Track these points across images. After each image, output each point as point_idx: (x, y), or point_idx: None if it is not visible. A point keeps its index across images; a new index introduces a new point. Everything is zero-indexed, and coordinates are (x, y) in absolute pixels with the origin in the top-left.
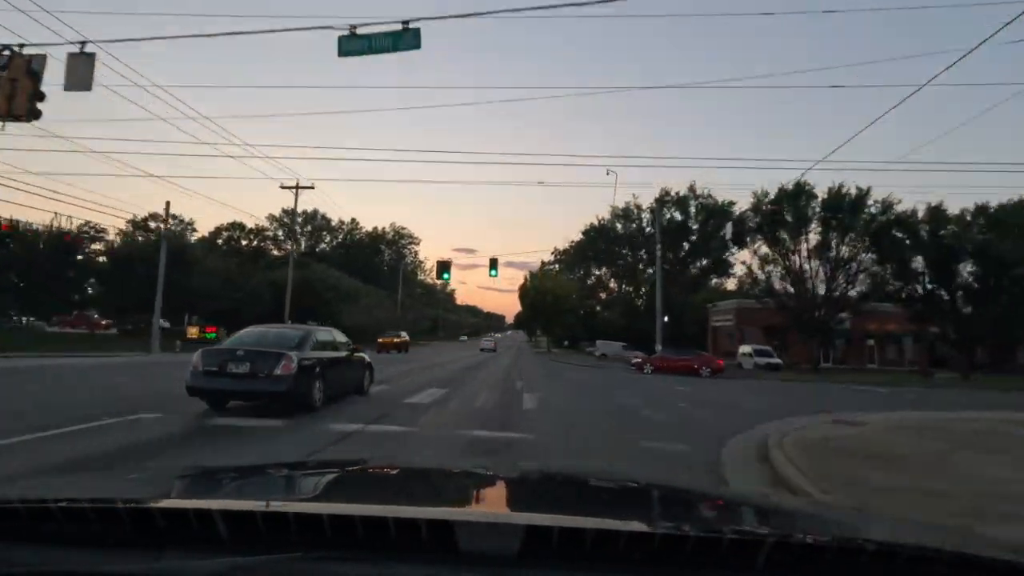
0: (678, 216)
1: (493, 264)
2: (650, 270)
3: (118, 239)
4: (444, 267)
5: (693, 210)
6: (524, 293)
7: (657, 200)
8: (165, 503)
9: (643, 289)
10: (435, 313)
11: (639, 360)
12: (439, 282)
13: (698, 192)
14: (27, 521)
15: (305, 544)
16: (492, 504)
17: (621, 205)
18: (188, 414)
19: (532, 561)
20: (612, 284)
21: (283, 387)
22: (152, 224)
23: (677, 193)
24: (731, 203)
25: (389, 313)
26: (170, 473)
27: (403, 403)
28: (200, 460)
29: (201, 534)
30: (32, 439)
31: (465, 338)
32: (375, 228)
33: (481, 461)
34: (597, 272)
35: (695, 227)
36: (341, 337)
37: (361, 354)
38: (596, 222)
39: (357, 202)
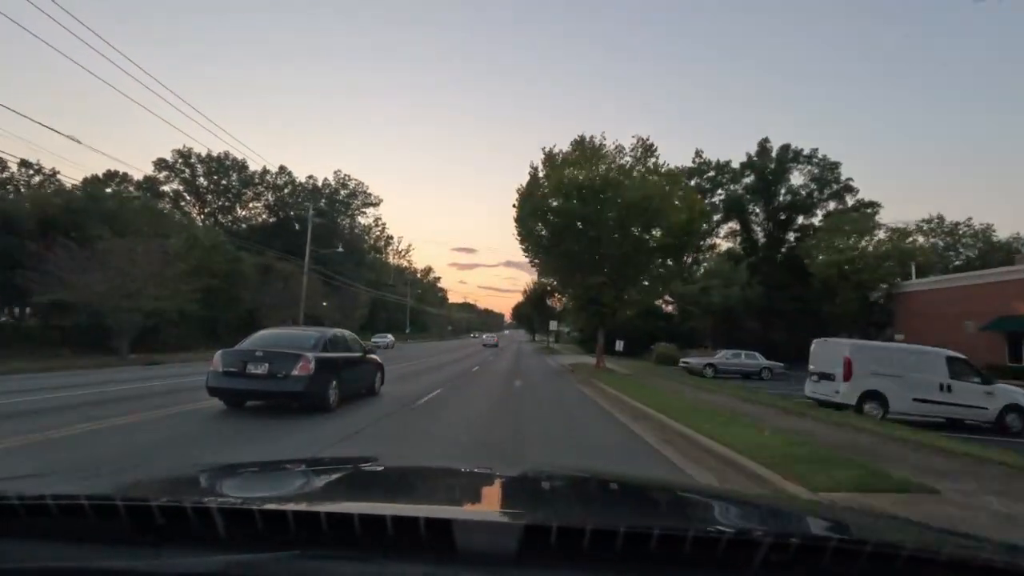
0: None
1: None
2: None
3: None
4: None
5: None
6: (529, 210)
7: None
8: (163, 500)
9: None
10: (383, 299)
11: None
12: (416, 267)
13: None
14: (25, 517)
15: (303, 542)
16: (491, 503)
17: None
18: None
19: (531, 560)
20: None
21: (300, 387)
22: None
23: None
24: None
25: (286, 291)
26: (172, 470)
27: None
28: (211, 458)
29: (199, 531)
30: None
31: (388, 340)
32: (310, 178)
33: (483, 461)
34: None
35: None
36: (354, 338)
37: (373, 355)
38: None
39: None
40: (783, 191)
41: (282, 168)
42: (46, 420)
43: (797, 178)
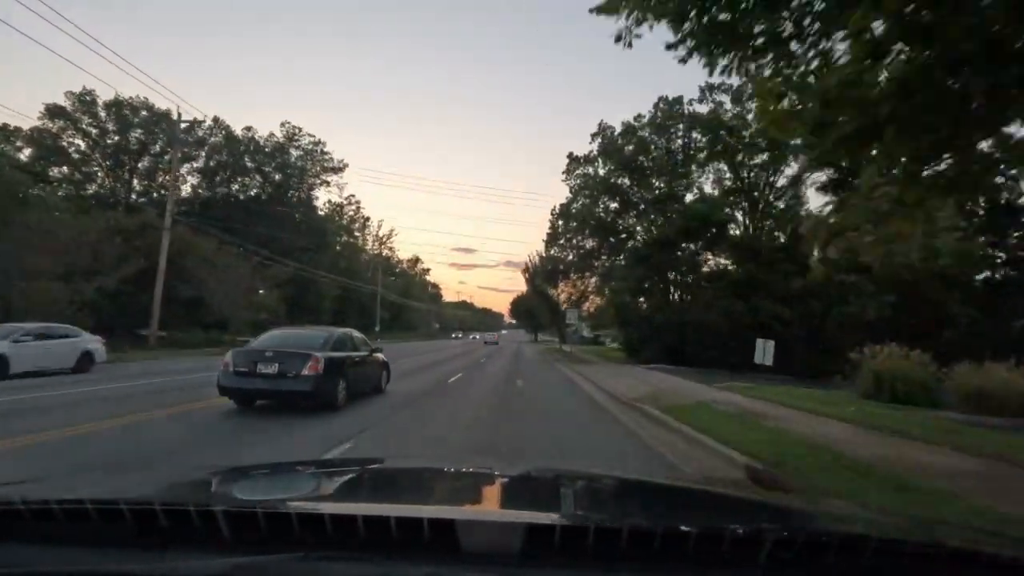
0: None
1: None
2: None
3: None
4: None
5: None
6: None
7: None
8: (167, 503)
9: None
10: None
11: None
12: (401, 256)
13: None
14: (30, 521)
15: (308, 544)
16: (494, 503)
17: None
18: None
19: (534, 560)
20: None
21: (309, 386)
22: None
23: None
24: None
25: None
26: (177, 472)
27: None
28: (223, 457)
29: (204, 534)
30: None
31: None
32: (248, 129)
33: (486, 461)
34: None
35: None
36: (361, 337)
37: (379, 354)
38: None
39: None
40: None
41: (217, 121)
42: None
43: None
